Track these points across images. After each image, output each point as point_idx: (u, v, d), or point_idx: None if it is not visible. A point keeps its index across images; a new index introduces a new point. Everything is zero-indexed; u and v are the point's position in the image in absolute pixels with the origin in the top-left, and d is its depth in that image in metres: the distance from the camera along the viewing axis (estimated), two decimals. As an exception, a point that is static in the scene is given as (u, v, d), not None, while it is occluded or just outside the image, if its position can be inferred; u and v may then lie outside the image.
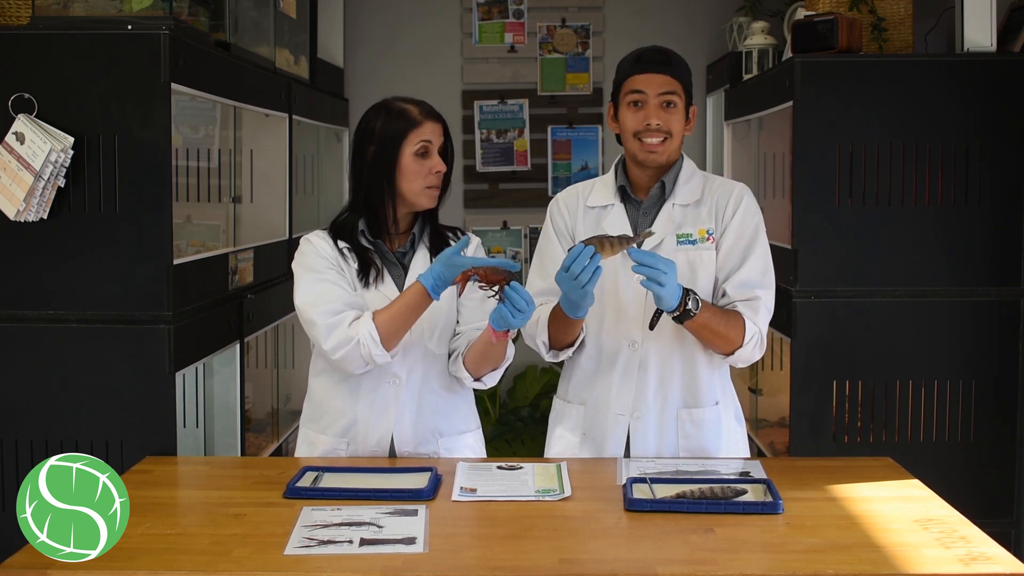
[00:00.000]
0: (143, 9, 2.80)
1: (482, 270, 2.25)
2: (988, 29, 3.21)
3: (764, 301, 2.45)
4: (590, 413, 2.55)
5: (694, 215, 2.49)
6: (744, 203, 2.49)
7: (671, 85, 2.43)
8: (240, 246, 3.30)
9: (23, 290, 2.63)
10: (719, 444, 2.53)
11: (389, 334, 2.35)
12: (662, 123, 2.42)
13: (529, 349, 2.59)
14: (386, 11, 5.07)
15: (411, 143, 2.42)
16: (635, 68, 2.45)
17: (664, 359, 2.49)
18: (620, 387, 2.50)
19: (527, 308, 2.24)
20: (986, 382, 3.22)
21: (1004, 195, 3.17)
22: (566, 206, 2.58)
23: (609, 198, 2.54)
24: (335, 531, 1.96)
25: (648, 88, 2.43)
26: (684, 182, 2.51)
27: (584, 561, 1.87)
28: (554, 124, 5.11)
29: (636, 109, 2.44)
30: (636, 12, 5.06)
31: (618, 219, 2.50)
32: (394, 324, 2.35)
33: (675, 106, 2.43)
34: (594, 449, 2.53)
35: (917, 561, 1.85)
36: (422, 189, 2.43)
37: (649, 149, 2.44)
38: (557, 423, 2.64)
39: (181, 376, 2.74)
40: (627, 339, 2.49)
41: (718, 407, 2.53)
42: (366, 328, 2.34)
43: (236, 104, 3.22)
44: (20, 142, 2.53)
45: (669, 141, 2.43)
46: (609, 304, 2.48)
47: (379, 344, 2.34)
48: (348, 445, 2.49)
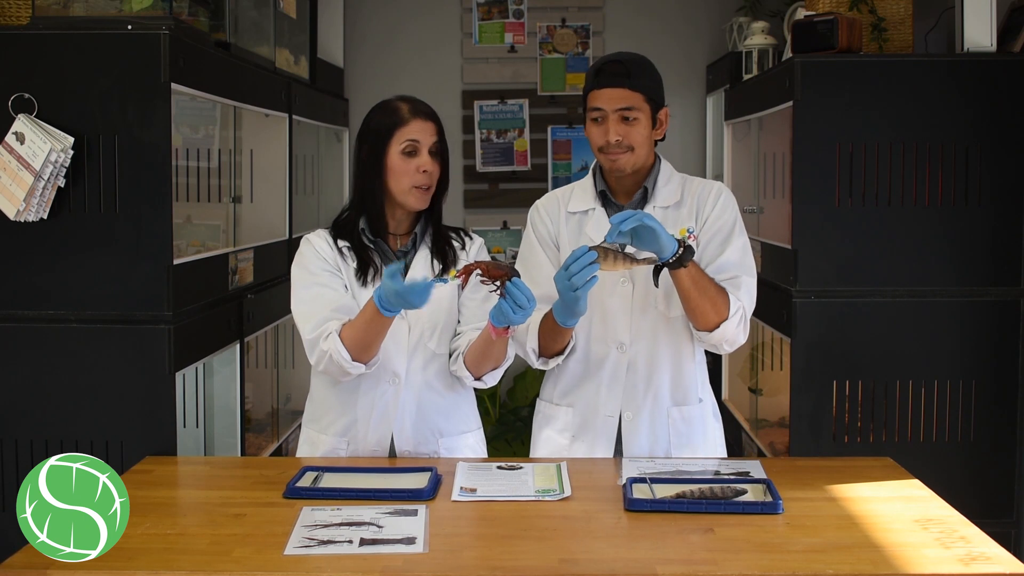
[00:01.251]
0: (143, 9, 2.80)
1: (484, 265, 2.25)
2: (988, 29, 3.21)
3: (745, 282, 2.44)
4: (579, 415, 2.56)
5: (675, 216, 2.50)
6: (722, 198, 2.51)
7: (628, 99, 2.41)
8: (240, 246, 3.30)
9: (23, 290, 2.63)
10: (704, 441, 2.55)
11: (358, 349, 2.34)
12: (622, 137, 2.41)
13: (529, 349, 2.59)
14: (386, 11, 5.07)
15: (397, 141, 2.41)
16: (594, 83, 2.45)
17: (652, 359, 2.50)
18: (609, 389, 2.51)
19: (528, 305, 2.24)
20: (986, 382, 3.22)
21: (1004, 195, 3.17)
22: (547, 212, 2.59)
23: (589, 203, 2.54)
24: (335, 531, 1.96)
25: (606, 104, 2.42)
26: (663, 184, 2.52)
27: (584, 561, 1.87)
28: (554, 124, 5.11)
29: (597, 124, 2.44)
30: (636, 12, 5.06)
31: (600, 224, 2.50)
32: (359, 340, 2.33)
33: (636, 119, 2.41)
34: (584, 451, 2.54)
35: (917, 561, 1.85)
36: (409, 188, 2.42)
37: (612, 162, 2.44)
38: (544, 425, 2.64)
39: (181, 376, 2.74)
40: (615, 342, 2.50)
41: (703, 404, 2.56)
42: (334, 345, 2.33)
43: (236, 104, 3.22)
44: (20, 142, 2.53)
45: (631, 154, 2.43)
46: (595, 308, 2.49)
47: (349, 360, 2.34)
48: (348, 445, 2.49)
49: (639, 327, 2.50)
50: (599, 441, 2.53)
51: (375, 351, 2.37)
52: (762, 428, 3.88)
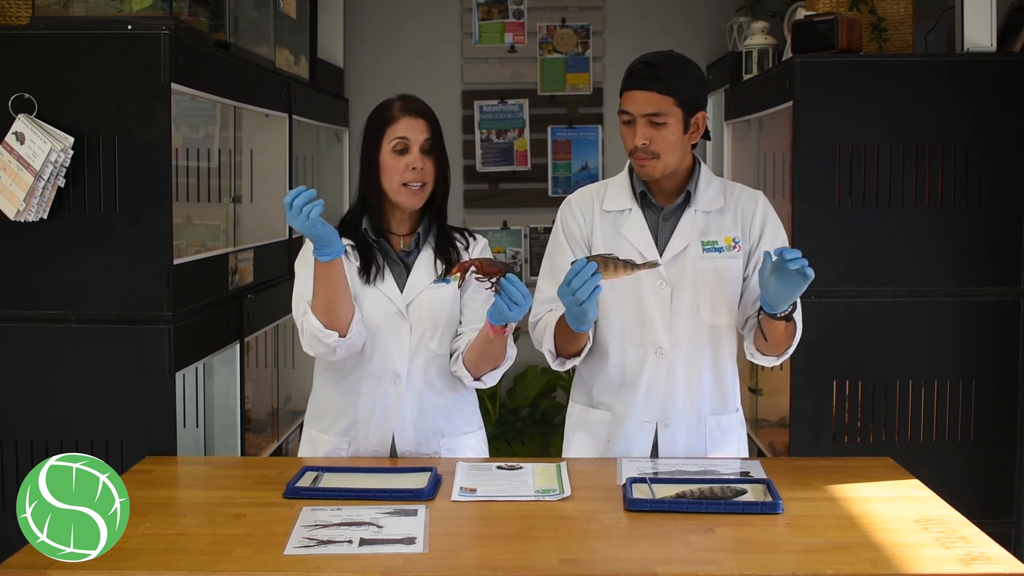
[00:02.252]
0: (143, 9, 2.80)
1: (479, 262, 2.25)
2: (988, 29, 3.21)
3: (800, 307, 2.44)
4: (616, 420, 2.51)
5: (718, 223, 2.47)
6: (771, 215, 2.50)
7: (657, 104, 2.35)
8: (240, 246, 3.30)
9: (23, 290, 2.63)
10: (738, 449, 2.54)
11: (329, 316, 2.33)
12: (648, 142, 2.37)
13: (529, 349, 2.59)
14: (386, 11, 5.07)
15: (388, 139, 2.42)
16: (625, 84, 2.41)
17: (692, 366, 2.47)
18: (647, 395, 2.48)
19: (523, 301, 2.23)
20: (986, 382, 3.22)
21: (1004, 195, 3.17)
22: (580, 210, 2.53)
23: (627, 202, 2.50)
24: (335, 531, 1.96)
25: (634, 108, 2.38)
26: (704, 188, 2.48)
27: (584, 561, 1.87)
28: (554, 124, 5.11)
29: (628, 127, 2.41)
30: (636, 12, 5.06)
31: (636, 224, 2.47)
32: (324, 304, 2.33)
33: (664, 123, 2.36)
34: (618, 456, 2.50)
35: (917, 561, 1.85)
36: (398, 187, 2.42)
37: (640, 167, 2.42)
38: (577, 429, 2.59)
39: (181, 376, 2.74)
40: (653, 346, 2.46)
41: (739, 413, 2.56)
42: (308, 318, 2.35)
43: (236, 104, 3.22)
44: (20, 142, 2.53)
45: (657, 160, 2.39)
46: (633, 312, 2.46)
47: (325, 330, 2.33)
48: (350, 445, 2.49)
49: (678, 333, 2.45)
50: (634, 447, 2.49)
51: (342, 313, 2.34)
52: (762, 428, 3.88)
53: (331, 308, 2.33)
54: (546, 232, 5.08)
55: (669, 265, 2.44)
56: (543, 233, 5.09)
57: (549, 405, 4.99)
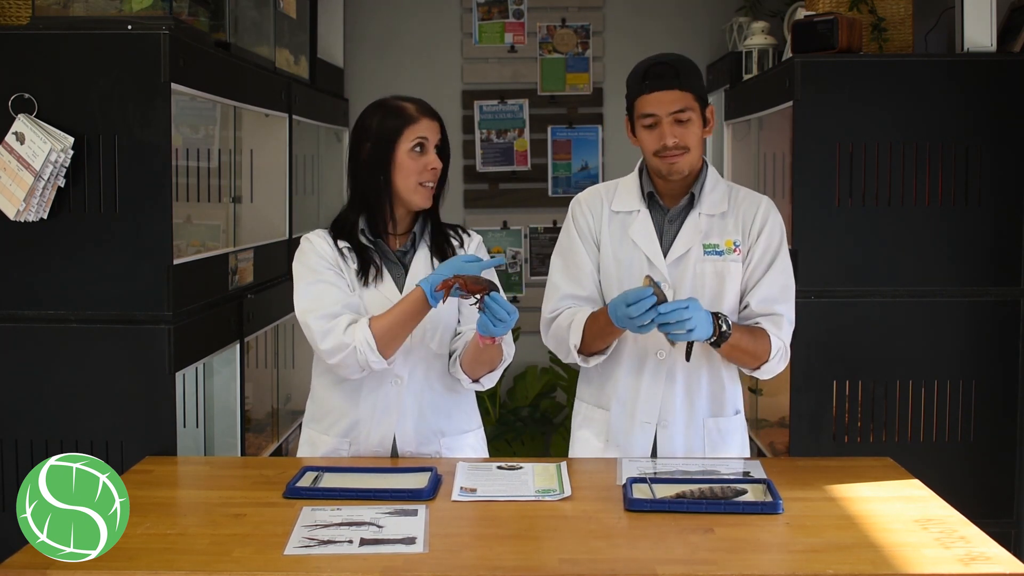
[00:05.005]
0: (143, 9, 2.80)
1: (463, 279, 2.26)
2: (988, 29, 3.21)
3: (786, 316, 2.47)
4: (615, 419, 2.54)
5: (720, 226, 2.48)
6: (771, 218, 2.50)
7: (682, 101, 2.39)
8: (240, 246, 3.30)
9: (23, 290, 2.63)
10: (740, 450, 2.56)
11: (386, 341, 2.34)
12: (678, 139, 2.39)
13: (529, 349, 2.59)
14: (386, 11, 5.07)
15: (407, 139, 2.42)
16: (643, 87, 2.41)
17: (691, 369, 2.49)
18: (648, 395, 2.50)
19: (508, 318, 2.25)
20: (986, 382, 3.22)
21: (1004, 195, 3.17)
22: (590, 209, 2.56)
23: (635, 203, 2.52)
24: (335, 531, 1.96)
25: (659, 109, 2.39)
26: (710, 191, 2.49)
27: (584, 561, 1.87)
28: (554, 124, 5.11)
29: (651, 130, 2.41)
30: (636, 12, 5.06)
31: (644, 227, 2.49)
32: (392, 331, 2.34)
33: (689, 120, 2.39)
34: (618, 455, 2.52)
35: (917, 561, 1.85)
36: (416, 186, 2.42)
37: (671, 165, 2.42)
38: (582, 427, 2.63)
39: (181, 376, 2.74)
40: (654, 348, 2.48)
41: (739, 416, 2.57)
42: (362, 334, 2.33)
43: (236, 104, 3.22)
44: (20, 142, 2.53)
45: (688, 154, 2.41)
46: None
47: (375, 351, 2.33)
48: (350, 445, 2.49)
49: None
50: (635, 447, 2.51)
51: (398, 344, 2.37)
52: (762, 428, 3.88)
53: (397, 338, 2.36)
54: (546, 232, 5.08)
55: (672, 268, 2.46)
56: (543, 233, 5.10)
57: (549, 405, 4.99)
